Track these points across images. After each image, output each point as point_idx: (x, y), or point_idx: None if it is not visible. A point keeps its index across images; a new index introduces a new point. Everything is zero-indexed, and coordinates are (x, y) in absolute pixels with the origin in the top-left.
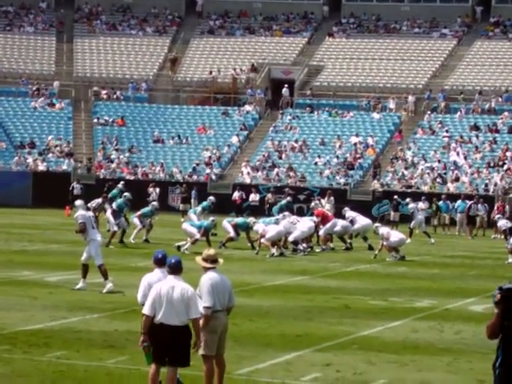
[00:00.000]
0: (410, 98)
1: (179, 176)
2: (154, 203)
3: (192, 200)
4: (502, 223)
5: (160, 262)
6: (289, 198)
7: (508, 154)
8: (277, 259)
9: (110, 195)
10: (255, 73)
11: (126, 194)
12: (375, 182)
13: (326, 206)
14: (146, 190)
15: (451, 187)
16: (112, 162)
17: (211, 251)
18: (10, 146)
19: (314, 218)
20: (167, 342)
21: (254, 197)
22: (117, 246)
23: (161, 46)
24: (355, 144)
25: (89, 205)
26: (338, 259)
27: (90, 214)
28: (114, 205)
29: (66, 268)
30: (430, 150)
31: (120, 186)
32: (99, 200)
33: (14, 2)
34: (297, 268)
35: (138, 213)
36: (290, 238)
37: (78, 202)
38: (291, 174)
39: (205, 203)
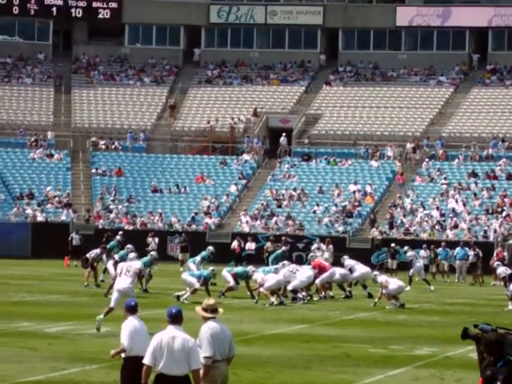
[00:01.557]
0: (408, 146)
1: (178, 225)
2: (153, 253)
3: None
4: (502, 270)
5: (132, 310)
6: (284, 248)
7: (506, 200)
8: (276, 308)
9: (108, 247)
10: (256, 117)
11: (129, 246)
12: (374, 229)
13: (325, 253)
14: (144, 240)
15: (450, 234)
16: (111, 212)
17: (211, 301)
18: (9, 197)
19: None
20: None
21: (250, 245)
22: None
23: (158, 96)
24: (354, 192)
25: (87, 255)
26: (338, 307)
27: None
28: (117, 256)
29: (66, 319)
30: (428, 197)
31: (118, 237)
32: (97, 251)
33: (12, 53)
34: (296, 316)
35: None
36: (289, 287)
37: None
38: (290, 222)
39: (204, 253)
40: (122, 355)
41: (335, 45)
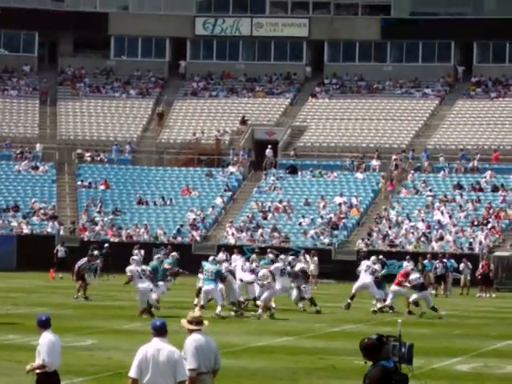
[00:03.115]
0: (394, 158)
1: (163, 238)
2: (174, 253)
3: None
4: (414, 277)
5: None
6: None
7: (491, 212)
8: (261, 320)
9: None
10: (244, 125)
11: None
12: (360, 241)
13: (310, 265)
14: (130, 252)
15: (436, 246)
16: (96, 224)
17: (196, 313)
18: None
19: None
20: None
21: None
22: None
23: (144, 108)
24: (339, 204)
25: (77, 266)
26: (324, 320)
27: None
28: (150, 267)
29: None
30: (413, 209)
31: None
32: (85, 259)
33: None
34: (282, 329)
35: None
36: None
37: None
38: (275, 234)
39: (168, 260)
40: (37, 371)
41: (321, 57)
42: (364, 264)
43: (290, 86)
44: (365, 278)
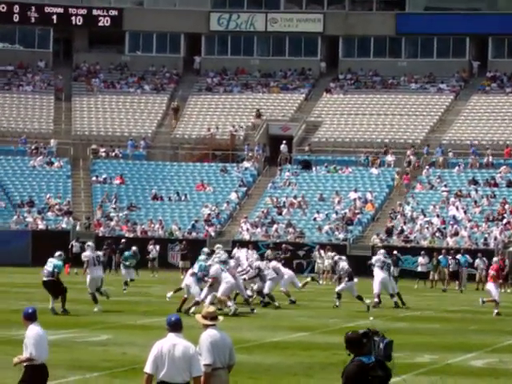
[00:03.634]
0: (409, 153)
1: (178, 233)
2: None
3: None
4: (343, 265)
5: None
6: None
7: (507, 207)
8: (276, 315)
9: (123, 256)
10: (259, 119)
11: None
12: (375, 237)
13: (325, 261)
14: (145, 248)
15: (450, 241)
16: (111, 219)
17: (211, 308)
18: (9, 205)
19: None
20: None
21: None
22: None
23: (159, 104)
24: (354, 199)
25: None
26: (338, 315)
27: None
28: (197, 268)
29: (65, 327)
30: (428, 204)
31: (134, 248)
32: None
33: (13, 61)
34: (296, 324)
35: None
36: (266, 290)
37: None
38: (290, 230)
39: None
40: (24, 364)
41: (335, 52)
42: (378, 260)
43: (304, 82)
44: (382, 274)
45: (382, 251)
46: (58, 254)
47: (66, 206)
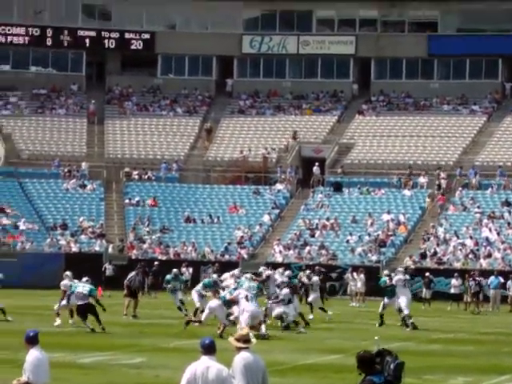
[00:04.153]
0: (442, 175)
1: (211, 255)
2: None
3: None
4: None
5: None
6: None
7: None
8: (307, 337)
9: (165, 279)
10: (295, 140)
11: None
12: (407, 258)
13: (358, 283)
14: (178, 270)
15: (484, 263)
16: (144, 242)
17: (244, 331)
18: (43, 228)
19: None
20: None
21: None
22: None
23: (191, 126)
24: (387, 221)
25: (126, 281)
26: (371, 337)
27: None
28: (201, 286)
29: (99, 349)
30: (461, 226)
31: (175, 270)
32: (133, 273)
33: (46, 84)
34: (328, 346)
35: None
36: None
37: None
38: (323, 251)
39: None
40: None
41: (367, 74)
42: (399, 280)
43: (337, 104)
44: (406, 292)
45: (401, 269)
46: (85, 279)
47: (99, 228)
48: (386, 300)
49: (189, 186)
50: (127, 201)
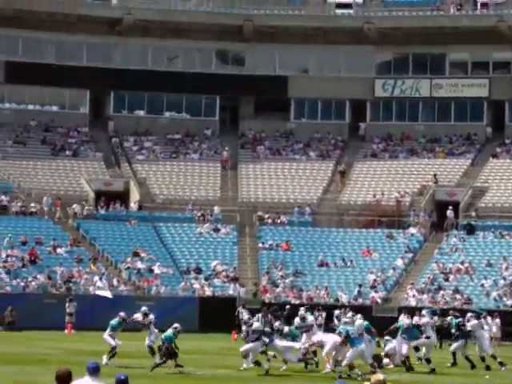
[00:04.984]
0: None
1: (344, 299)
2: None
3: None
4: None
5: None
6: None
7: None
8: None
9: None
10: (436, 183)
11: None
12: None
13: (492, 328)
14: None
15: None
16: (277, 286)
17: (380, 376)
18: (177, 272)
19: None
20: None
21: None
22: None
23: (324, 170)
24: None
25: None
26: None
27: None
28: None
29: None
30: None
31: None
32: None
33: (180, 129)
34: None
35: None
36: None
37: None
38: (457, 296)
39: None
40: None
41: (501, 117)
42: (474, 325)
43: (470, 147)
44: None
45: (469, 314)
46: (174, 325)
47: (232, 272)
48: None
49: (322, 229)
50: (260, 244)
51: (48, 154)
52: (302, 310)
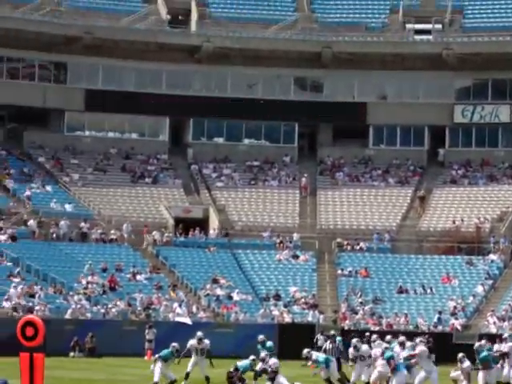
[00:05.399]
0: None
1: (424, 326)
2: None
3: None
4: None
5: None
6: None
7: None
8: None
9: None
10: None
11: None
12: None
13: None
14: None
15: None
16: (356, 313)
17: None
18: (256, 299)
19: None
20: None
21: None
22: None
23: (403, 197)
24: None
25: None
26: None
27: None
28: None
29: None
30: None
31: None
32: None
33: (259, 156)
34: None
35: None
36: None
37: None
38: None
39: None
40: None
41: None
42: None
43: None
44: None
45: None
46: (252, 358)
47: (311, 299)
48: None
49: (401, 256)
50: (339, 271)
51: (128, 182)
52: (354, 340)
